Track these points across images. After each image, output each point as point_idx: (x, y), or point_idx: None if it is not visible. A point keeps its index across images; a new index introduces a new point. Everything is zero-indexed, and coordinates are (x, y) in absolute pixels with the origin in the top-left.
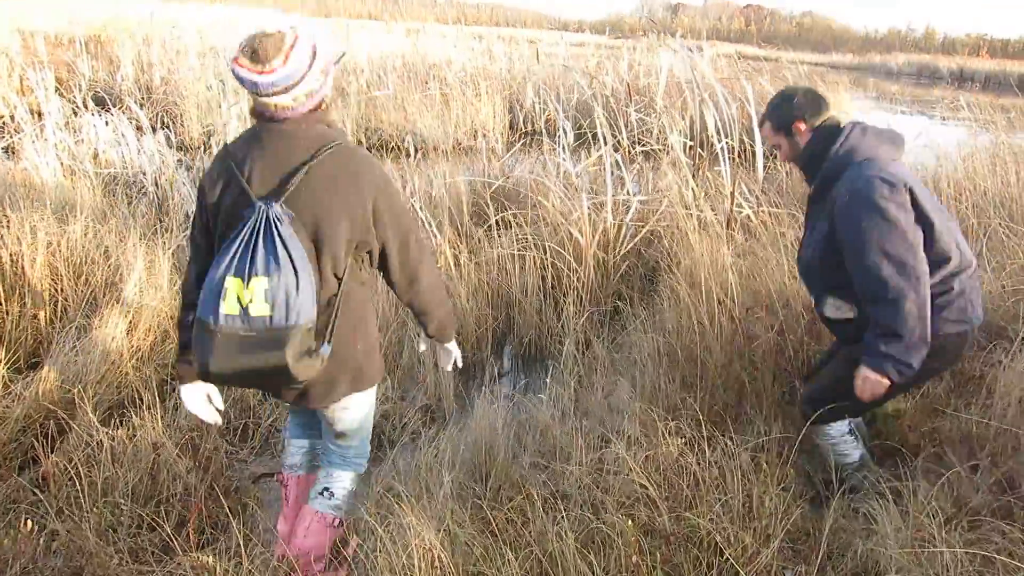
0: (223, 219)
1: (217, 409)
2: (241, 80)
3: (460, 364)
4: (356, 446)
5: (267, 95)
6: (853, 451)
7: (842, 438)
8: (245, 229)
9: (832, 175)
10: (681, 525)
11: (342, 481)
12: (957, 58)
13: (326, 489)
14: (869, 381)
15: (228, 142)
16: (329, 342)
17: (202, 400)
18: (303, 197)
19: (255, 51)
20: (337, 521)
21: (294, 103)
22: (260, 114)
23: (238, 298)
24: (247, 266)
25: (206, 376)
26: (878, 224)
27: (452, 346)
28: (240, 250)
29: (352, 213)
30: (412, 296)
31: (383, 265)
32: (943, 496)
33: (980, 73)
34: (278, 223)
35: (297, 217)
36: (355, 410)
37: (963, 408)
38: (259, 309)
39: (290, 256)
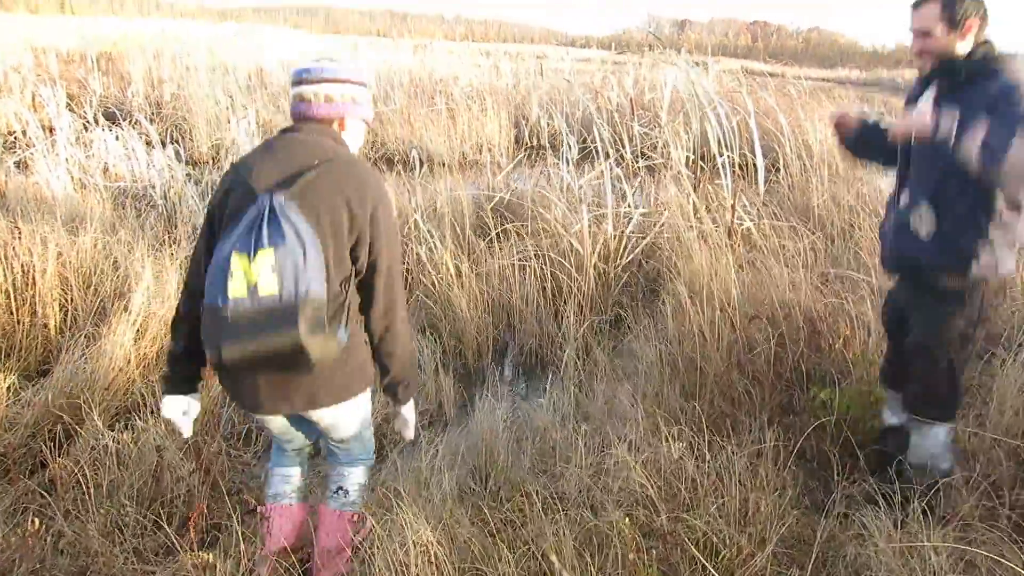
0: (227, 217)
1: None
2: (301, 71)
3: (412, 436)
4: (360, 444)
5: (315, 80)
6: (947, 461)
7: (945, 445)
8: (250, 213)
9: (976, 74)
10: (678, 526)
11: (353, 477)
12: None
13: (340, 488)
14: (918, 119)
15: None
16: (346, 327)
17: (179, 410)
18: (308, 196)
19: (332, 58)
20: (357, 516)
21: (340, 99)
22: (290, 120)
23: (245, 275)
24: (252, 242)
25: (219, 366)
26: None
27: (408, 410)
28: (244, 231)
29: (354, 215)
30: (386, 324)
31: (365, 284)
32: (935, 504)
33: None
34: (280, 208)
35: (303, 211)
36: (349, 417)
37: (960, 418)
38: (267, 287)
39: (296, 231)
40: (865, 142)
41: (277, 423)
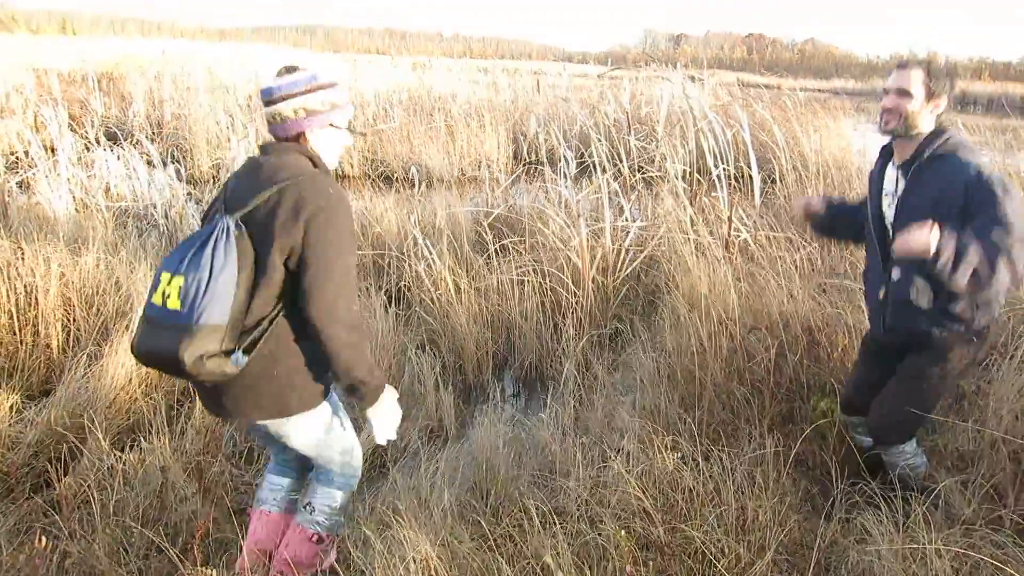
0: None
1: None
2: (264, 90)
3: (387, 438)
4: (334, 467)
5: (272, 101)
6: (922, 461)
7: (915, 452)
8: (202, 230)
9: (940, 155)
10: (676, 537)
11: (325, 497)
12: (959, 81)
13: (308, 503)
14: (922, 239)
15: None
16: (246, 353)
17: None
18: (256, 219)
19: (284, 68)
20: (316, 536)
21: (294, 115)
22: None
23: (163, 288)
24: (177, 263)
25: (134, 355)
26: (1012, 197)
27: (373, 414)
28: (182, 248)
29: (287, 241)
30: (319, 328)
31: (299, 287)
32: (936, 507)
33: (982, 96)
34: (223, 232)
35: (250, 235)
36: (300, 436)
37: (959, 423)
38: (173, 304)
39: (212, 258)
40: (835, 224)
41: (257, 432)
